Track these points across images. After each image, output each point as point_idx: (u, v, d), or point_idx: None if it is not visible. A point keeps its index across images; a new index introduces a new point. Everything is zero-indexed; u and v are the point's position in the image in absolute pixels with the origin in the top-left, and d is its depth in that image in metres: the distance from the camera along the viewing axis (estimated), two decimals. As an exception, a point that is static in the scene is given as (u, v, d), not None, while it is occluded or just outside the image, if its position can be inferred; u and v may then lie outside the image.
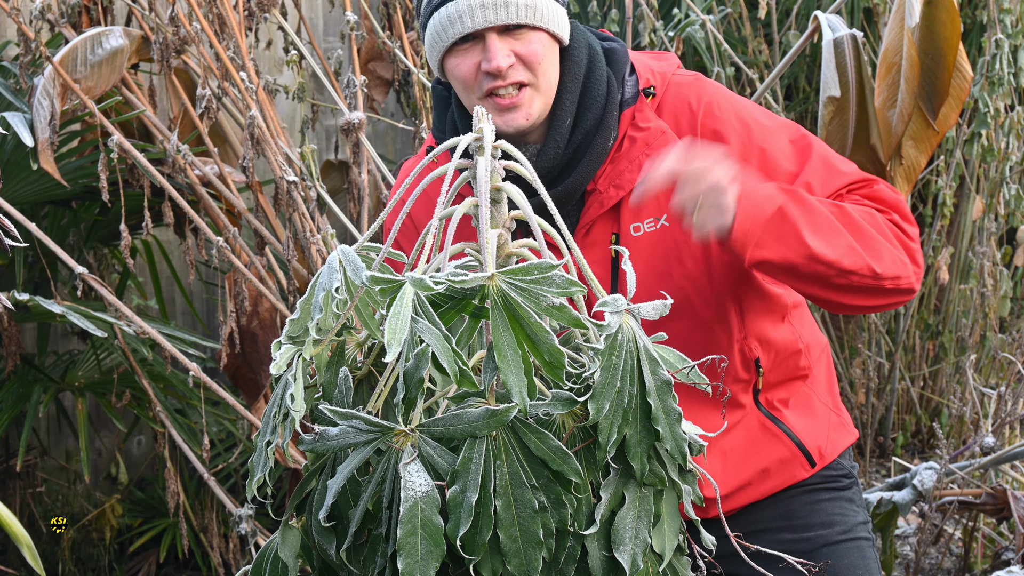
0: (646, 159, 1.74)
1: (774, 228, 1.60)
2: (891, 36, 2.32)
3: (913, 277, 1.70)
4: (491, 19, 1.67)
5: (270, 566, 1.28)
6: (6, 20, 3.50)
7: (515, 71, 1.70)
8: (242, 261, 2.90)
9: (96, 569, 3.64)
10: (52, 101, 2.69)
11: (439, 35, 1.71)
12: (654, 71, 1.81)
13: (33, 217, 3.21)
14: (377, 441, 1.16)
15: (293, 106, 3.89)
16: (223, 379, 3.66)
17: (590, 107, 1.75)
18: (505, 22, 1.67)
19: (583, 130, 1.74)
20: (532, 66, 1.70)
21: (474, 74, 1.71)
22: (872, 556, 1.89)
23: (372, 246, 1.28)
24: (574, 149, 1.75)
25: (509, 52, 1.68)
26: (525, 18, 1.68)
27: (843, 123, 2.31)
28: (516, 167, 1.28)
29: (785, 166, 1.76)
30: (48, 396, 3.14)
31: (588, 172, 1.75)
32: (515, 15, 1.67)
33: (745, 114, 1.78)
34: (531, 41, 1.70)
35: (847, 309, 1.72)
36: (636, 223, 1.76)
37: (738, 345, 1.80)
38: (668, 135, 1.75)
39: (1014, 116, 3.50)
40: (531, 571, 1.15)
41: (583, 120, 1.75)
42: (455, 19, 1.68)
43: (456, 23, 1.68)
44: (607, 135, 1.75)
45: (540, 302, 1.14)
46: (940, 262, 3.71)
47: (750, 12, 3.92)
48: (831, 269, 1.63)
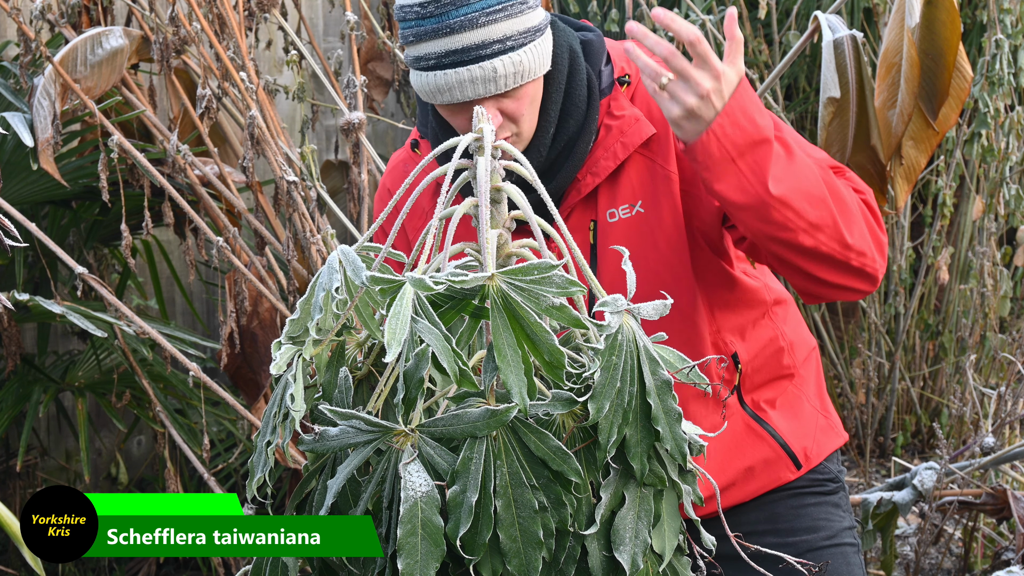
0: (620, 147, 1.75)
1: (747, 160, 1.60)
2: (891, 36, 2.32)
3: (878, 264, 1.69)
4: (481, 92, 1.65)
5: (270, 566, 1.28)
6: (6, 20, 3.50)
7: (501, 129, 1.69)
8: (242, 261, 2.90)
9: (96, 569, 3.64)
10: (52, 101, 2.69)
11: (431, 95, 1.68)
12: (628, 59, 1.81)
13: (33, 217, 3.21)
14: (377, 441, 1.16)
15: (293, 106, 3.89)
16: (223, 379, 3.66)
17: (572, 114, 1.74)
18: (495, 94, 1.66)
19: (565, 136, 1.74)
20: (516, 120, 1.69)
21: (463, 128, 1.71)
22: (857, 562, 1.88)
23: (372, 246, 1.28)
24: (556, 154, 1.75)
25: (496, 112, 1.67)
26: (514, 84, 1.65)
27: (843, 124, 2.31)
28: (516, 167, 1.28)
29: None
30: (48, 396, 3.14)
31: (570, 174, 1.75)
32: (504, 85, 1.65)
33: None
34: (518, 98, 1.68)
35: (814, 284, 1.70)
36: (612, 209, 1.76)
37: (711, 338, 1.80)
38: (641, 122, 1.75)
39: (1014, 116, 3.50)
40: (531, 571, 1.15)
41: (565, 127, 1.74)
42: (446, 90, 1.65)
43: (447, 93, 1.66)
44: (588, 138, 1.75)
45: (540, 302, 1.15)
46: (940, 262, 3.71)
47: (750, 12, 3.91)
48: (800, 219, 1.61)
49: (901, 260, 3.87)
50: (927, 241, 3.88)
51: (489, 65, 1.63)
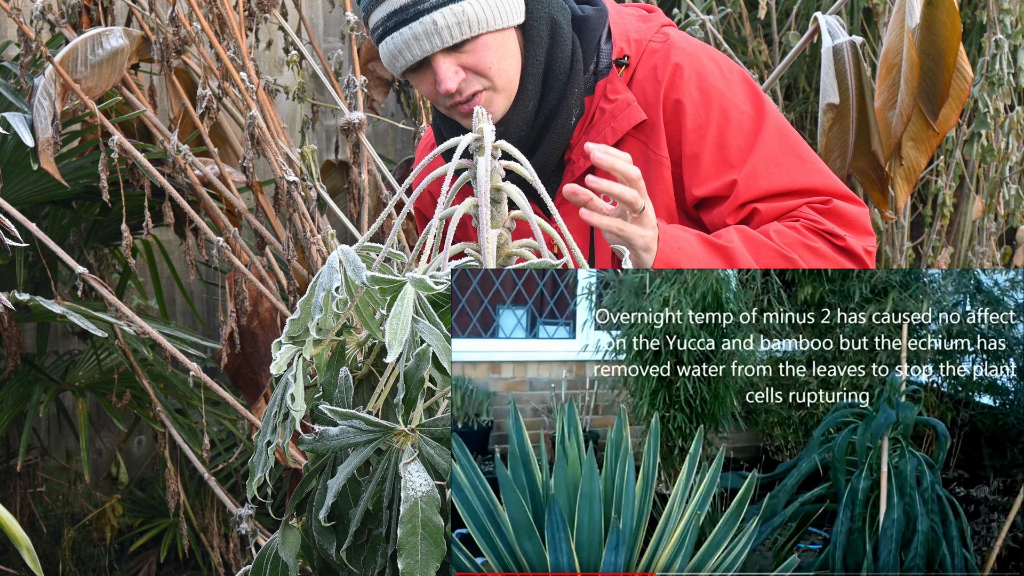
0: (610, 131, 1.75)
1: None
2: (891, 37, 2.32)
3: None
4: (427, 48, 1.68)
5: (270, 566, 1.28)
6: (6, 20, 3.50)
7: (468, 83, 1.70)
8: (242, 261, 2.90)
9: (96, 569, 3.64)
10: (52, 101, 2.69)
11: (390, 64, 1.73)
12: (630, 39, 1.80)
13: (33, 217, 3.21)
14: (377, 441, 1.16)
15: (293, 106, 3.89)
16: (223, 379, 3.66)
17: (553, 86, 1.75)
18: (442, 47, 1.67)
19: (547, 109, 1.75)
20: (483, 73, 1.70)
21: (434, 94, 1.73)
22: None
23: (372, 246, 1.28)
24: (540, 128, 1.76)
25: (457, 69, 1.69)
26: (460, 35, 1.67)
27: (843, 129, 2.31)
28: (516, 167, 1.28)
29: (738, 143, 1.75)
30: (48, 396, 3.14)
31: (553, 149, 1.76)
32: (450, 37, 1.67)
33: (709, 87, 1.77)
34: (476, 51, 1.69)
35: None
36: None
37: None
38: (633, 107, 1.76)
39: (1014, 116, 3.50)
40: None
41: (547, 99, 1.75)
42: (396, 54, 1.70)
43: (399, 57, 1.70)
44: (567, 114, 1.75)
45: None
46: (940, 262, 3.71)
47: (750, 12, 3.91)
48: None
49: (901, 260, 3.87)
50: (927, 241, 3.87)
51: (428, 19, 1.65)
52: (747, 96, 1.78)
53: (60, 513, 3.65)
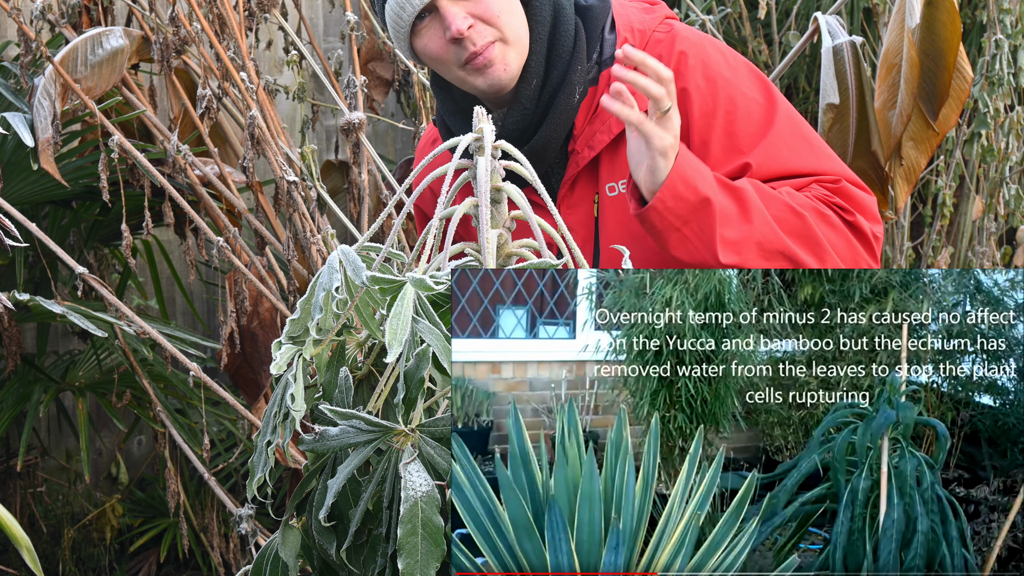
0: (615, 121, 1.75)
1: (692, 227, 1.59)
2: (891, 37, 2.32)
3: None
4: None
5: (270, 566, 1.28)
6: (6, 20, 3.50)
7: (478, 32, 1.70)
8: (242, 261, 2.90)
9: (96, 569, 3.64)
10: (52, 101, 2.69)
11: (397, 20, 1.71)
12: (634, 28, 1.80)
13: (33, 217, 3.21)
14: (377, 441, 1.16)
15: (293, 106, 3.89)
16: (223, 379, 3.66)
17: (556, 65, 1.75)
18: None
19: (551, 88, 1.75)
20: (492, 21, 1.70)
21: (444, 48, 1.72)
22: None
23: (372, 246, 1.28)
24: (544, 108, 1.76)
25: (466, 15, 1.69)
26: None
27: (843, 130, 2.31)
28: (516, 167, 1.28)
29: (747, 129, 1.75)
30: (48, 396, 3.14)
31: (555, 129, 1.75)
32: None
33: (715, 75, 1.77)
34: None
35: None
36: (611, 183, 1.77)
37: None
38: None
39: (1014, 116, 3.50)
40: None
41: (551, 77, 1.75)
42: (402, 4, 1.69)
43: (405, 8, 1.70)
44: (571, 91, 1.75)
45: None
46: (940, 262, 3.71)
47: (750, 12, 3.92)
48: (758, 265, 1.63)
49: (901, 260, 3.87)
50: (927, 241, 3.87)
51: None
52: (754, 83, 1.78)
53: (60, 513, 3.65)
